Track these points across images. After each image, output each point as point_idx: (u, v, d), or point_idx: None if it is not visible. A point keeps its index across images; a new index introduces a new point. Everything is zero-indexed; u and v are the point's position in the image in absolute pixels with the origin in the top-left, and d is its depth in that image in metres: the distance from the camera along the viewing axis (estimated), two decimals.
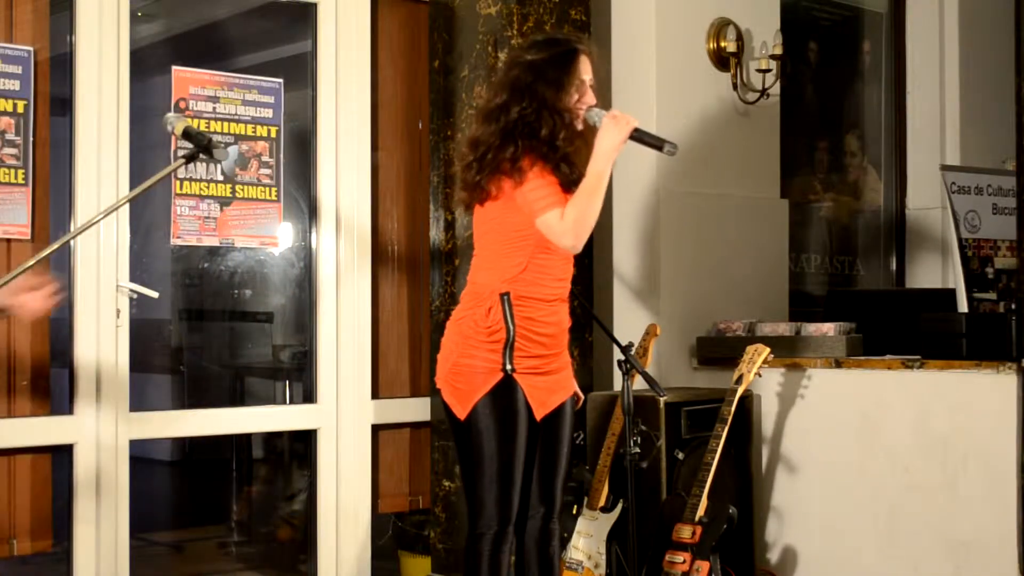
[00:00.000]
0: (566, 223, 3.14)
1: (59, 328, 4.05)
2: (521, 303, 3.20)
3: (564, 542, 4.31)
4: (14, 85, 3.87)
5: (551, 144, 3.20)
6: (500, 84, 3.35)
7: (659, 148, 3.25)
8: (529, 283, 3.21)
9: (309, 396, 4.61)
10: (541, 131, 3.20)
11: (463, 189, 3.32)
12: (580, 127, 3.26)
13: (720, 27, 5.22)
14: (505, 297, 3.19)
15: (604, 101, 5.06)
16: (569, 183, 3.20)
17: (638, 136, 3.23)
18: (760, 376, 4.28)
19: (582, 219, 3.14)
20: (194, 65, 4.32)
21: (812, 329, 4.73)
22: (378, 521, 4.90)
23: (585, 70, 3.29)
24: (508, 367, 3.17)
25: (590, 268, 4.80)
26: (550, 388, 3.28)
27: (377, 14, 4.76)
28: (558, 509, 3.37)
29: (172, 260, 5.69)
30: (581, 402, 3.56)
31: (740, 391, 4.18)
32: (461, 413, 3.22)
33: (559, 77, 3.24)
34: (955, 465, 4.32)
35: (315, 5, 4.57)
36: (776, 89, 5.37)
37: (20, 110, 3.87)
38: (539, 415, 3.25)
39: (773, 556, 4.78)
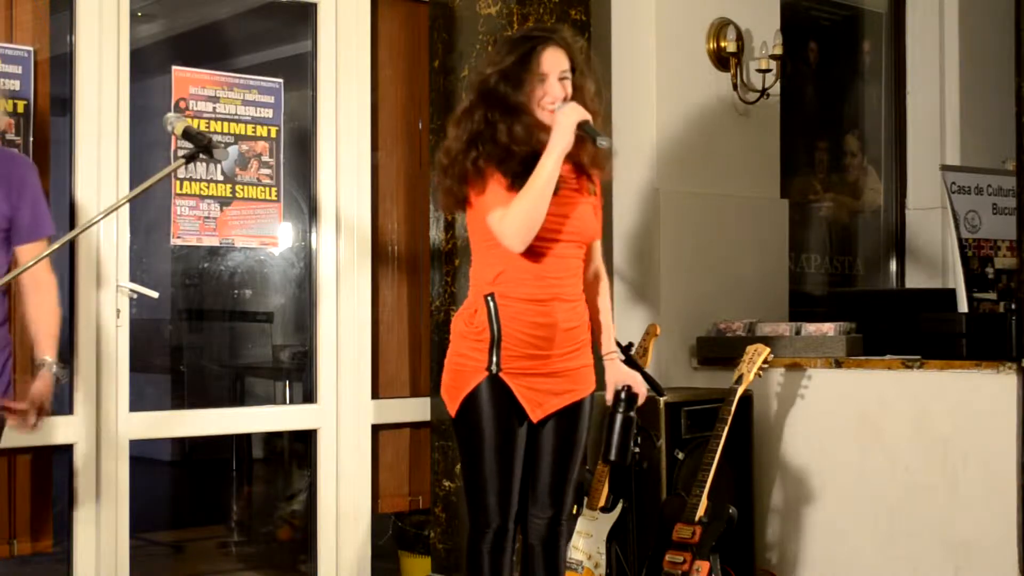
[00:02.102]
0: (504, 223, 3.10)
1: (59, 328, 4.04)
2: (507, 303, 3.17)
3: None
4: (14, 85, 3.87)
5: (509, 148, 3.16)
6: (469, 86, 3.36)
7: (593, 141, 3.15)
8: (513, 284, 3.17)
9: (309, 396, 4.61)
10: (499, 135, 3.17)
11: (443, 195, 3.31)
12: (548, 121, 3.17)
13: (720, 27, 5.22)
14: (489, 298, 3.18)
15: (604, 101, 5.07)
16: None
17: (582, 130, 3.13)
18: (760, 376, 4.28)
19: (518, 218, 3.07)
20: (194, 65, 4.32)
21: (812, 329, 4.73)
22: (378, 521, 4.90)
23: (548, 63, 3.18)
24: (492, 367, 3.16)
25: None
26: (551, 390, 3.22)
27: (377, 14, 4.75)
28: (568, 511, 3.34)
29: (172, 260, 5.69)
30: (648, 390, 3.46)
31: (740, 391, 4.19)
32: (452, 410, 3.25)
33: (518, 74, 3.17)
34: (955, 465, 4.32)
35: (315, 5, 4.57)
36: (776, 89, 5.37)
37: (20, 110, 3.87)
38: (535, 416, 3.21)
39: (773, 556, 4.78)
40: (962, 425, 4.31)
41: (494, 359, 3.15)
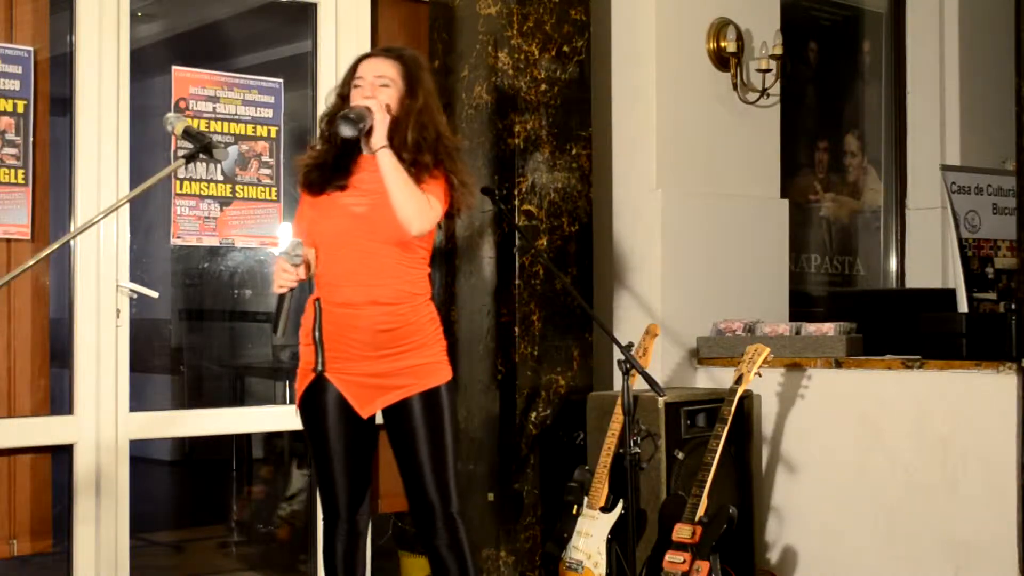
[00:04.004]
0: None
1: (59, 328, 4.04)
2: (330, 307, 3.30)
3: (564, 542, 4.31)
4: (14, 85, 3.86)
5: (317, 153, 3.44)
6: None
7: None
8: (330, 288, 3.31)
9: None
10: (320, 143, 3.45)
11: None
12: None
13: (720, 27, 5.22)
14: (317, 302, 3.33)
15: (604, 100, 5.08)
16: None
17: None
18: (760, 376, 4.28)
19: None
20: (194, 65, 4.32)
21: (812, 329, 4.73)
22: (378, 521, 4.89)
23: (364, 69, 3.35)
24: (317, 367, 3.31)
25: (590, 268, 4.80)
26: (379, 387, 3.31)
27: (377, 14, 4.75)
28: (454, 501, 3.35)
29: (172, 260, 5.68)
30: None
31: (740, 391, 4.18)
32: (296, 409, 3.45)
33: (345, 83, 3.40)
34: (955, 465, 4.32)
35: (315, 5, 4.57)
36: (776, 89, 5.37)
37: (20, 110, 3.87)
38: (364, 412, 3.34)
39: (773, 556, 4.78)
40: (962, 425, 4.31)
41: (319, 359, 3.31)
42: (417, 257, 3.38)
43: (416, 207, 3.22)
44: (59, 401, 4.03)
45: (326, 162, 3.37)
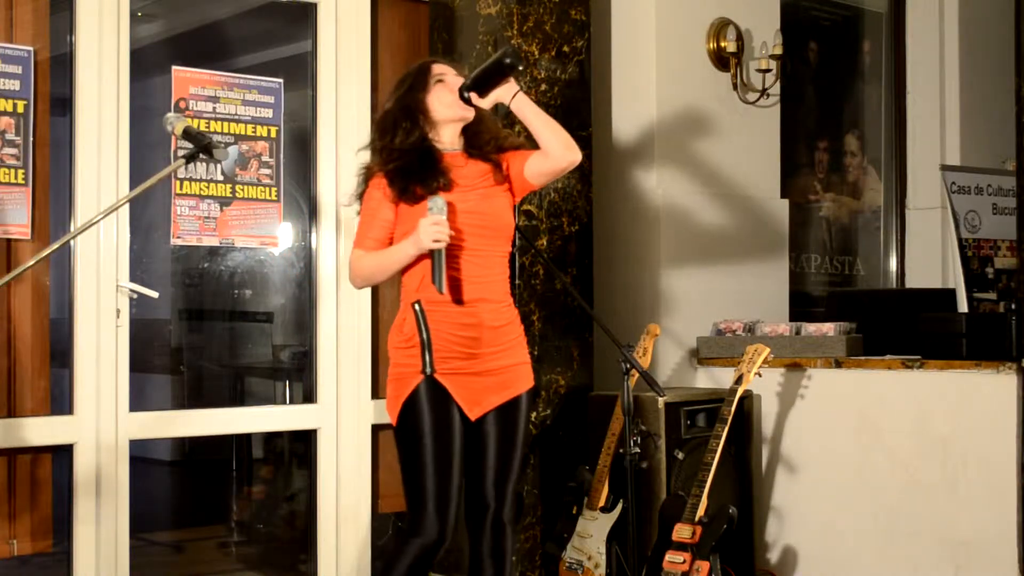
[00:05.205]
0: (353, 267, 3.36)
1: (59, 328, 4.04)
2: (433, 308, 3.23)
3: (564, 542, 4.31)
4: (14, 85, 3.86)
5: (402, 152, 3.33)
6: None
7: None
8: (431, 290, 3.21)
9: (309, 396, 4.61)
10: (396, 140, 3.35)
11: None
12: (457, 113, 3.36)
13: (720, 27, 5.22)
14: (416, 305, 3.25)
15: (604, 100, 5.08)
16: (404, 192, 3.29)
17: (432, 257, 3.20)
18: (760, 376, 4.28)
19: (362, 272, 3.35)
20: (194, 65, 4.32)
21: (812, 329, 4.73)
22: (378, 521, 4.90)
23: (440, 68, 3.42)
24: (427, 369, 3.22)
25: (590, 268, 4.81)
26: (487, 388, 3.27)
27: (377, 14, 4.75)
28: (511, 507, 3.34)
29: (172, 260, 5.69)
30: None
31: (740, 391, 4.18)
32: (393, 418, 3.30)
33: (420, 82, 3.39)
34: (955, 465, 4.32)
35: (315, 5, 4.57)
36: (776, 89, 5.37)
37: (20, 110, 3.87)
38: (473, 414, 3.26)
39: (773, 556, 4.78)
40: (962, 425, 4.31)
41: (427, 360, 3.22)
42: (508, 254, 3.38)
43: (565, 135, 3.30)
44: (59, 401, 4.03)
45: (411, 164, 3.29)
